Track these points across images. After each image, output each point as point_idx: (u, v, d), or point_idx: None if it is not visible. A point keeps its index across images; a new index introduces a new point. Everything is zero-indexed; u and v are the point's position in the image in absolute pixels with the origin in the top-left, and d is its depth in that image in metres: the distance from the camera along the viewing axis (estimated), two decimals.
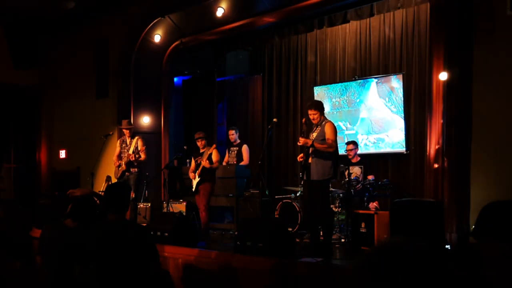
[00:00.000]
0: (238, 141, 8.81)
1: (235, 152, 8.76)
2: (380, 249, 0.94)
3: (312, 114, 5.79)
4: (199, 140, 7.36)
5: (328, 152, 5.63)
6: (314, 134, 5.76)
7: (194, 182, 7.31)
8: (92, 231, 3.45)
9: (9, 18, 10.08)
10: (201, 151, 7.35)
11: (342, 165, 7.25)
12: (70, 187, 9.88)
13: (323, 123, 5.77)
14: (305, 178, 5.78)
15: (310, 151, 5.70)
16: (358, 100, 8.70)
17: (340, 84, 8.95)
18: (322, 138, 5.67)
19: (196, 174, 7.26)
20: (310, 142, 5.60)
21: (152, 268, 3.44)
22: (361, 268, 0.91)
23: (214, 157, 7.27)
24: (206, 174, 7.24)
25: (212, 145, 7.42)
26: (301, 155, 5.88)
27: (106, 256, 3.26)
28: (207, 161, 7.15)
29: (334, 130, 5.74)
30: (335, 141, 5.72)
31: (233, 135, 8.76)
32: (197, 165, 7.31)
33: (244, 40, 9.61)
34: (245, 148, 8.68)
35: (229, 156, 8.81)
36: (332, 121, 5.92)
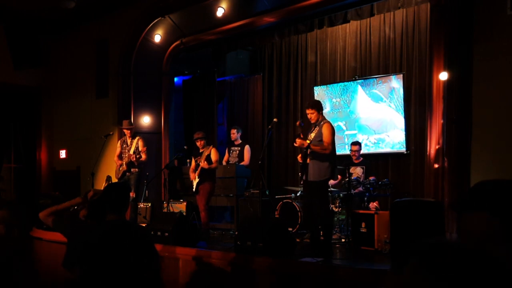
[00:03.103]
0: (240, 141, 8.81)
1: (237, 152, 8.75)
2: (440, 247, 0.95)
3: (310, 114, 5.79)
4: (198, 140, 7.38)
5: (324, 153, 5.64)
6: (312, 135, 5.75)
7: (195, 182, 7.33)
8: (97, 230, 3.43)
9: (10, 18, 10.06)
10: (201, 151, 7.37)
11: (341, 167, 7.28)
12: (70, 187, 9.97)
13: (322, 123, 5.75)
14: (304, 178, 5.81)
15: (308, 151, 5.71)
16: (358, 100, 8.71)
17: (340, 84, 8.96)
18: (319, 139, 5.68)
19: (196, 174, 7.28)
20: (306, 144, 5.59)
21: (150, 270, 3.43)
22: (418, 266, 0.93)
23: (213, 157, 7.28)
24: (206, 175, 7.26)
25: (210, 145, 7.42)
26: (300, 155, 5.88)
27: (104, 257, 3.24)
28: (205, 162, 7.18)
29: (332, 131, 5.72)
30: (332, 143, 5.70)
31: (234, 134, 8.78)
32: (197, 165, 7.33)
33: (244, 40, 9.59)
34: (247, 149, 8.69)
35: (229, 156, 8.80)
36: (331, 122, 5.89)
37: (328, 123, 5.80)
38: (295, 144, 5.76)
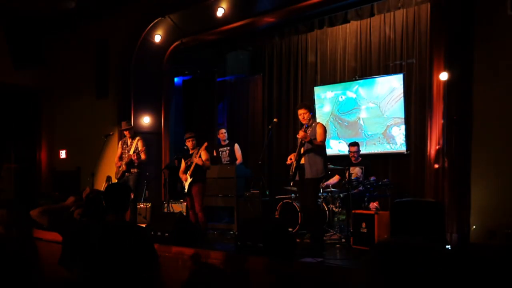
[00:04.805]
0: (227, 141, 8.87)
1: (227, 152, 8.77)
2: (387, 245, 1.02)
3: (303, 114, 5.97)
4: (189, 140, 7.29)
5: (318, 151, 5.88)
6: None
7: (186, 184, 7.23)
8: (96, 231, 3.40)
9: (10, 18, 10.05)
10: (191, 152, 7.28)
11: (340, 167, 7.32)
12: (70, 187, 9.94)
13: (313, 124, 5.99)
14: (297, 178, 5.98)
15: (302, 151, 5.93)
16: (358, 100, 8.69)
17: (340, 84, 8.94)
18: (313, 137, 5.89)
19: (188, 174, 7.16)
20: (308, 137, 5.78)
21: (150, 271, 3.41)
22: (370, 263, 1.01)
23: (203, 156, 7.15)
24: (198, 175, 7.14)
25: (201, 145, 7.26)
26: (291, 157, 6.05)
27: (104, 257, 3.23)
28: (199, 158, 7.04)
29: (325, 131, 6.01)
30: (324, 140, 6.00)
31: (224, 134, 8.84)
32: (187, 166, 7.21)
33: (245, 40, 9.58)
34: (237, 147, 8.76)
35: (220, 156, 8.82)
36: (323, 123, 6.13)
37: (321, 123, 6.09)
38: (298, 136, 5.91)
